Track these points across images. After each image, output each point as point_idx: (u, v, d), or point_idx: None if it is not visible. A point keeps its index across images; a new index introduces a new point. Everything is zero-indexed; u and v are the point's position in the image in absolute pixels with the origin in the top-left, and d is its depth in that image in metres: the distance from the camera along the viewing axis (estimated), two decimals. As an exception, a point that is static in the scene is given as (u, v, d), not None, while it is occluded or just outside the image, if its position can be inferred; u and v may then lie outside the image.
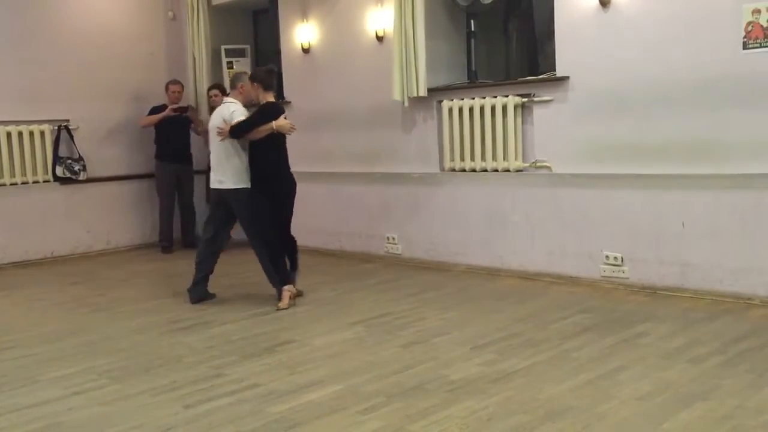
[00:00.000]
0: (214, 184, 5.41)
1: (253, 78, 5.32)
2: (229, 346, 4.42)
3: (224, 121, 5.25)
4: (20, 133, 7.54)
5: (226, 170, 5.30)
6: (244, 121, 5.21)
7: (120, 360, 4.22)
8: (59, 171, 7.75)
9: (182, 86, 8.04)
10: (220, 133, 5.25)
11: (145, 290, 6.20)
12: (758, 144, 4.74)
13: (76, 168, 7.83)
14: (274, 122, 5.19)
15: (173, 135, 7.96)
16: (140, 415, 3.40)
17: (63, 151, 7.81)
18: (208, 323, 4.96)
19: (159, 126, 7.93)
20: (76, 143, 7.86)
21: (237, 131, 5.21)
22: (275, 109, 5.30)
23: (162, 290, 6.19)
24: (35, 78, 7.58)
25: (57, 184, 7.80)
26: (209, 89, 8.01)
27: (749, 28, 4.70)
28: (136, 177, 8.34)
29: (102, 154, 8.09)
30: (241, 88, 5.38)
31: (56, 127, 7.77)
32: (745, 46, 4.73)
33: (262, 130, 5.20)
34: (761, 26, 4.65)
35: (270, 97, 5.32)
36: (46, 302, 5.88)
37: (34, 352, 4.48)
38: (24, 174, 7.59)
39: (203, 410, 3.40)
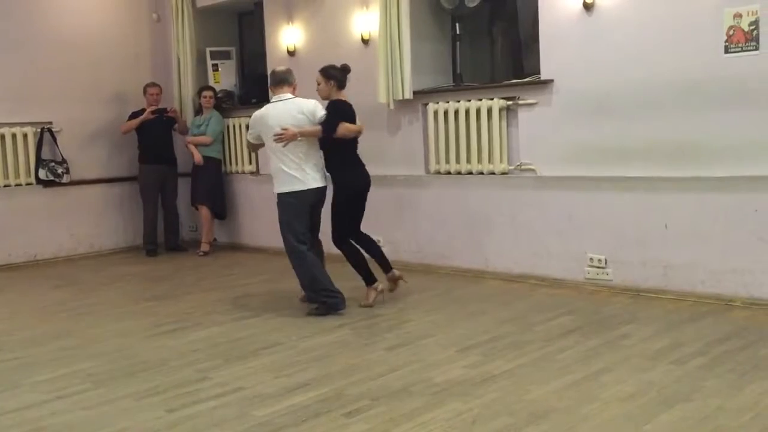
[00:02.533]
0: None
1: (329, 76, 5.15)
2: (214, 349, 4.41)
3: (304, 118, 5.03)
4: (2, 136, 7.49)
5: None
6: (331, 118, 5.00)
7: (103, 364, 4.19)
8: (42, 174, 7.69)
9: (160, 89, 8.00)
10: (290, 136, 4.96)
11: (129, 293, 6.16)
12: (740, 147, 4.79)
13: (60, 171, 7.77)
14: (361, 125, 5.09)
15: (156, 137, 7.92)
16: (124, 419, 3.38)
17: (46, 154, 7.75)
18: (193, 326, 4.94)
19: (141, 129, 7.90)
20: (59, 145, 7.80)
21: (330, 129, 4.98)
22: (349, 107, 5.15)
23: (146, 293, 6.15)
24: (18, 80, 7.52)
25: (40, 187, 7.74)
26: (201, 90, 7.98)
27: (731, 32, 4.75)
28: (120, 180, 8.29)
29: (85, 157, 8.04)
30: (295, 84, 5.26)
31: (39, 130, 7.71)
32: (726, 50, 4.78)
33: (353, 130, 5.07)
34: (743, 30, 4.70)
35: (342, 97, 5.17)
36: (29, 306, 5.83)
37: (16, 356, 4.44)
38: (6, 177, 7.53)
39: (187, 414, 3.39)
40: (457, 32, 6.46)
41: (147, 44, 8.55)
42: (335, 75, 5.17)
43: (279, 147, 5.00)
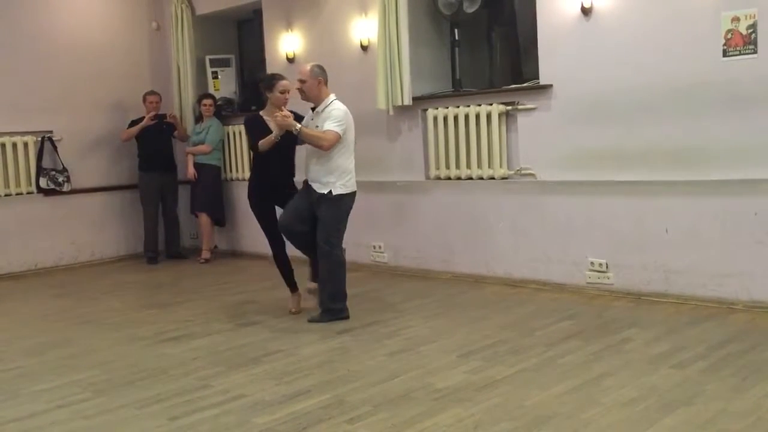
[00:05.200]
0: None
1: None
2: (215, 357, 4.40)
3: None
4: (3, 145, 7.50)
5: None
6: None
7: (104, 372, 4.19)
8: (43, 182, 7.70)
9: (160, 97, 8.01)
10: None
11: (130, 302, 6.16)
12: (739, 150, 4.79)
13: (60, 179, 7.78)
14: None
15: (156, 145, 7.93)
16: (125, 428, 3.38)
17: (47, 163, 7.76)
18: (194, 334, 4.94)
19: (141, 137, 7.91)
20: (59, 154, 7.81)
21: None
22: None
23: (147, 301, 6.16)
24: (18, 89, 7.53)
25: (41, 195, 7.74)
26: (201, 98, 7.99)
27: (729, 35, 4.76)
28: (121, 188, 8.30)
29: (86, 165, 8.05)
30: None
31: (40, 138, 7.72)
32: (725, 54, 4.78)
33: None
34: (740, 34, 4.71)
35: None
36: (29, 315, 5.82)
37: (17, 365, 4.44)
38: (7, 186, 7.53)
39: (189, 422, 3.38)
40: (456, 38, 6.47)
41: (147, 52, 8.57)
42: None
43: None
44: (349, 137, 5.00)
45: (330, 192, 4.94)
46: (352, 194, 5.06)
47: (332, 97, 5.04)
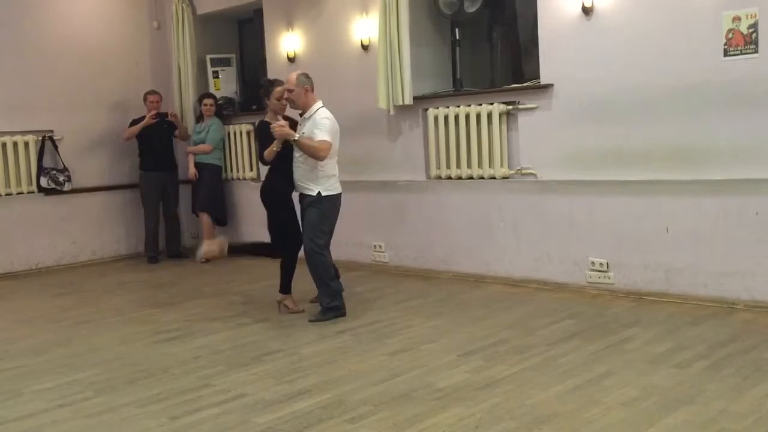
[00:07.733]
0: None
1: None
2: (216, 356, 4.41)
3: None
4: (4, 144, 7.50)
5: None
6: None
7: (105, 372, 4.19)
8: (44, 182, 7.70)
9: (160, 96, 8.01)
10: None
11: (131, 301, 6.16)
12: (740, 149, 4.79)
13: (61, 179, 7.79)
14: None
15: (156, 144, 7.94)
16: (126, 427, 3.38)
17: (47, 162, 7.77)
18: (195, 333, 4.94)
19: (141, 136, 7.91)
20: (60, 154, 7.81)
21: None
22: None
23: (148, 301, 6.16)
24: (19, 88, 7.53)
25: (41, 195, 7.75)
26: (202, 98, 7.98)
27: (730, 35, 4.76)
28: (122, 187, 8.31)
29: (87, 165, 8.05)
30: None
31: (40, 138, 7.73)
32: (726, 53, 4.78)
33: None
34: (741, 33, 4.71)
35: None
36: (31, 314, 5.83)
37: (18, 364, 4.44)
38: (8, 185, 7.54)
39: (190, 421, 3.39)
40: (457, 37, 6.47)
41: (147, 52, 8.57)
42: None
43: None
44: (335, 145, 5.09)
45: (319, 193, 5.04)
46: (338, 196, 5.16)
47: (319, 103, 5.11)
